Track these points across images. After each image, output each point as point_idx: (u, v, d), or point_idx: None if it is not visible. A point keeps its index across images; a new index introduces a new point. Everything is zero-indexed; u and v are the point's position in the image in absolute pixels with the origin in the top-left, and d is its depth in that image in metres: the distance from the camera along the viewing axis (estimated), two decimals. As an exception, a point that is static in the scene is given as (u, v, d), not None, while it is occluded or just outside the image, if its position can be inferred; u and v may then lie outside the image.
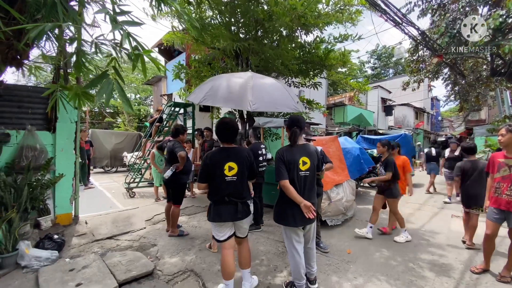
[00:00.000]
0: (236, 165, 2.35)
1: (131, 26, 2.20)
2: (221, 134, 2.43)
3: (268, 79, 3.08)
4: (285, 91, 2.98)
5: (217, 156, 2.38)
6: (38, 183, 3.52)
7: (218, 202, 2.36)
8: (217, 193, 2.35)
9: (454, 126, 28.96)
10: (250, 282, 2.57)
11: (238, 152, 2.42)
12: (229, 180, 2.33)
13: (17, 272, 2.83)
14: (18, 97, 3.66)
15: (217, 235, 2.43)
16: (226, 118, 2.57)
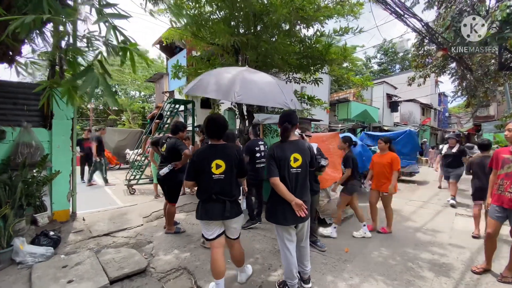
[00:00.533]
0: (223, 163, 2.28)
1: (117, 19, 2.15)
2: (209, 130, 2.37)
3: (261, 74, 3.00)
4: (277, 87, 2.88)
5: (204, 153, 2.32)
6: (33, 180, 3.52)
7: (205, 200, 2.30)
8: (205, 191, 2.30)
9: (462, 123, 28.38)
10: (245, 272, 2.68)
11: (226, 149, 2.35)
12: (216, 178, 2.27)
13: (11, 268, 2.84)
14: (13, 93, 3.66)
15: (205, 233, 2.39)
16: (214, 114, 2.52)
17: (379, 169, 4.06)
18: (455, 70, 9.39)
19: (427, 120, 22.55)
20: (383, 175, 3.99)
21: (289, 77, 6.53)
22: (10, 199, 3.07)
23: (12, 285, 2.52)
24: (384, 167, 3.98)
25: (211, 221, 2.32)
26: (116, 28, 2.01)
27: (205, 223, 2.35)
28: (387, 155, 4.04)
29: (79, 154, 8.14)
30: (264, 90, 2.74)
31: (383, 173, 4.00)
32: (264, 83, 2.79)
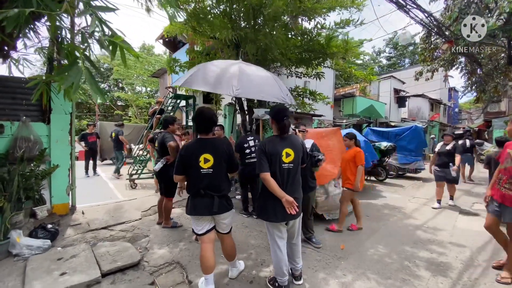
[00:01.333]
0: (212, 157, 2.25)
1: (104, 11, 2.12)
2: (197, 124, 2.34)
3: (256, 67, 2.94)
4: (273, 81, 2.84)
5: (192, 148, 2.29)
6: (31, 174, 3.57)
7: (194, 195, 2.28)
8: (193, 185, 2.28)
9: (473, 118, 27.64)
10: (237, 267, 2.65)
11: (215, 144, 2.32)
12: (204, 173, 2.24)
13: (8, 260, 2.89)
14: (11, 88, 3.70)
15: (195, 228, 2.38)
16: (203, 108, 2.46)
17: (344, 165, 4.00)
18: (464, 65, 9.09)
19: (436, 116, 22.01)
20: (349, 171, 3.91)
21: (290, 72, 6.42)
22: (7, 192, 3.12)
23: (6, 277, 2.57)
24: (349, 163, 3.91)
25: (199, 216, 2.30)
26: (102, 21, 1.98)
27: (195, 218, 2.33)
28: (351, 151, 3.96)
29: (84, 148, 8.28)
30: (262, 84, 2.71)
31: (348, 169, 3.92)
32: (261, 77, 2.76)
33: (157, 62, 21.04)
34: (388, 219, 4.60)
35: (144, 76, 20.60)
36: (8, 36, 2.76)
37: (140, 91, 24.93)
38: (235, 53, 5.64)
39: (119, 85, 25.46)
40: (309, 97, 6.86)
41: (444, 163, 5.31)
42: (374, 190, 7.12)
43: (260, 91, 2.67)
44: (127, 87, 24.12)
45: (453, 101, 27.23)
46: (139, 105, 21.77)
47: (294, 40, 5.41)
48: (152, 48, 25.76)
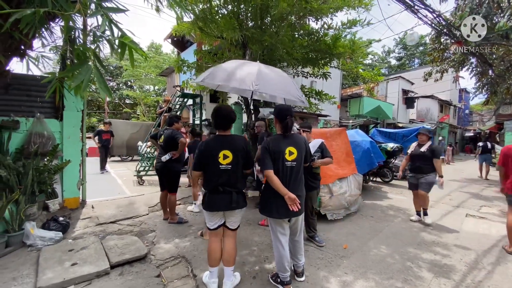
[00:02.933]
0: (231, 154, 2.30)
1: (115, 12, 2.20)
2: (216, 121, 2.38)
3: (276, 69, 3.07)
4: (291, 82, 2.99)
5: (212, 144, 2.33)
6: (45, 168, 3.72)
7: (213, 191, 2.32)
8: (212, 181, 2.31)
9: (484, 121, 27.03)
10: (231, 281, 2.44)
11: (233, 140, 2.36)
12: (223, 169, 2.29)
13: (22, 251, 3.03)
14: (27, 86, 3.85)
15: (208, 223, 2.43)
16: (222, 105, 2.52)
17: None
18: (474, 65, 8.93)
19: (446, 117, 21.63)
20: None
21: (297, 71, 6.45)
22: (22, 186, 3.26)
23: (20, 266, 2.69)
24: None
25: (219, 211, 2.36)
26: (112, 21, 2.06)
27: (210, 213, 2.38)
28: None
29: (97, 145, 8.48)
30: (280, 83, 2.81)
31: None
32: (280, 76, 2.87)
33: (165, 61, 21.30)
34: (393, 220, 4.59)
35: (152, 74, 20.88)
36: (25, 35, 2.89)
37: (148, 89, 25.28)
38: (241, 53, 5.70)
39: (128, 84, 25.87)
40: (315, 97, 6.88)
41: (416, 168, 4.44)
42: (380, 191, 7.08)
43: (277, 89, 2.76)
44: (135, 85, 24.50)
45: (463, 103, 26.70)
46: (147, 103, 22.09)
47: (301, 40, 5.44)
48: (160, 47, 26.09)
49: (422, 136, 4.48)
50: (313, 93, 6.76)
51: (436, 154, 4.27)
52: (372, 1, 5.45)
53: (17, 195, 3.05)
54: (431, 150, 4.31)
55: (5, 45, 2.84)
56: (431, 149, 4.33)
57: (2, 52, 2.86)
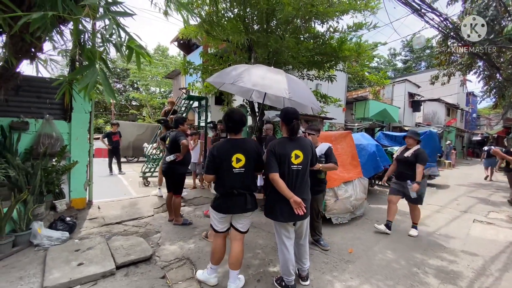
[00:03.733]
0: (243, 157, 2.31)
1: (122, 16, 2.23)
2: (228, 124, 2.39)
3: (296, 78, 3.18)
4: (309, 90, 3.10)
5: (225, 147, 2.34)
6: (53, 169, 3.77)
7: (227, 195, 2.31)
8: (225, 185, 2.32)
9: (492, 125, 26.62)
10: (235, 284, 2.42)
11: (246, 144, 2.38)
12: (236, 172, 2.30)
13: (29, 250, 3.07)
14: (36, 88, 3.93)
15: (216, 226, 2.43)
16: (234, 108, 2.54)
17: None
18: (482, 69, 8.82)
19: (453, 121, 21.36)
20: None
21: (302, 74, 6.46)
22: (31, 186, 3.31)
23: (28, 265, 2.73)
24: None
25: (229, 214, 2.37)
26: (119, 25, 2.09)
27: (222, 216, 2.38)
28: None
29: (107, 147, 8.53)
30: (306, 92, 2.97)
31: None
32: (304, 86, 3.03)
33: (171, 64, 21.50)
34: (399, 225, 4.54)
35: (158, 77, 21.10)
36: (36, 39, 2.95)
37: (154, 91, 25.52)
38: (247, 56, 5.74)
39: (134, 86, 26.18)
40: (321, 100, 6.87)
41: (401, 174, 4.03)
42: (385, 196, 7.00)
43: (305, 98, 2.92)
44: (142, 87, 24.77)
45: (471, 106, 26.36)
46: (153, 105, 22.30)
47: (306, 43, 5.45)
48: (166, 49, 26.37)
49: (409, 139, 4.05)
50: (318, 96, 6.75)
51: (420, 159, 3.82)
52: (379, 5, 5.44)
53: (25, 195, 3.10)
54: (415, 155, 3.86)
55: (16, 48, 2.91)
56: (415, 153, 3.88)
57: (14, 54, 2.93)
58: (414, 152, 3.89)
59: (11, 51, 2.89)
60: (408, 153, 3.95)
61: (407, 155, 3.94)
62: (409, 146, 4.06)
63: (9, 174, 3.21)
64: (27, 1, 2.69)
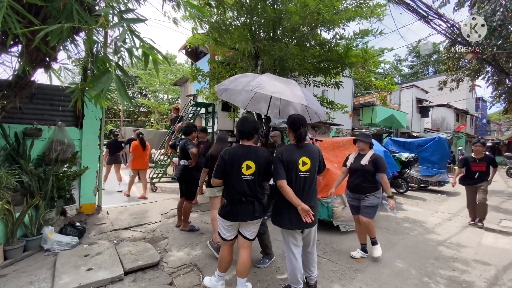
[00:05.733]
0: (254, 164, 2.32)
1: (135, 23, 2.30)
2: (240, 131, 2.41)
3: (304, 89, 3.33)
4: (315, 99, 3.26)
5: (236, 153, 2.34)
6: (64, 174, 3.85)
7: (235, 202, 2.32)
8: (233, 191, 2.32)
9: (503, 130, 26.05)
10: None
11: (257, 151, 2.39)
12: (245, 179, 2.30)
13: (39, 255, 3.12)
14: (49, 96, 4.05)
15: (224, 234, 2.43)
16: (246, 116, 2.59)
17: None
18: (490, 74, 8.71)
19: (462, 127, 21.01)
20: None
21: (308, 80, 6.49)
22: (42, 191, 3.38)
23: (38, 270, 2.78)
24: None
25: (237, 222, 2.37)
26: (132, 31, 2.15)
27: (229, 224, 2.38)
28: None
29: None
30: (314, 100, 3.23)
31: None
32: (310, 94, 3.30)
33: (179, 71, 21.85)
34: (408, 233, 4.45)
35: (166, 84, 21.45)
36: (51, 49, 3.07)
37: (162, 98, 25.91)
38: (254, 63, 5.80)
39: (143, 93, 26.64)
40: (327, 106, 6.86)
41: (358, 187, 3.34)
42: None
43: (317, 107, 3.19)
44: (150, 94, 25.18)
45: (480, 112, 25.89)
46: (160, 112, 22.60)
47: (312, 50, 5.49)
48: (174, 57, 26.83)
49: (360, 144, 3.40)
50: (324, 102, 6.75)
51: (381, 167, 3.23)
52: (385, 11, 5.46)
53: (37, 200, 3.17)
54: (373, 162, 3.24)
55: (32, 57, 3.02)
56: (372, 160, 3.26)
57: (29, 64, 3.04)
58: (371, 159, 3.27)
59: (27, 61, 3.00)
60: (364, 160, 3.29)
61: (363, 163, 3.28)
62: (362, 152, 3.41)
63: (22, 179, 3.30)
64: (42, 13, 2.81)
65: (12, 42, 3.05)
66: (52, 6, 2.44)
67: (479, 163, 4.90)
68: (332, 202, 4.24)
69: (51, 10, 2.51)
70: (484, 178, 4.89)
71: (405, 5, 4.56)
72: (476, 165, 4.94)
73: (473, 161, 4.98)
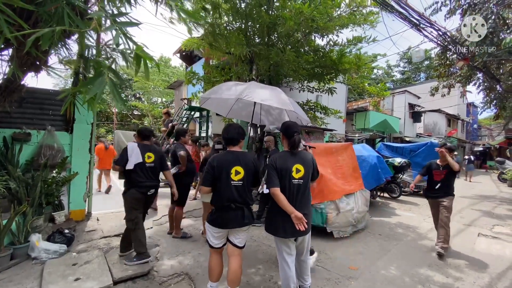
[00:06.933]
0: (242, 170, 2.30)
1: (128, 26, 2.27)
2: (225, 137, 2.41)
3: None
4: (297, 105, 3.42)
5: (224, 159, 2.33)
6: (53, 180, 3.76)
7: (224, 208, 2.29)
8: (222, 197, 2.29)
9: (494, 135, 26.58)
10: None
11: (244, 157, 2.38)
12: (234, 185, 2.28)
13: (26, 263, 3.02)
14: (39, 99, 3.97)
15: (212, 242, 2.38)
16: (231, 123, 2.60)
17: None
18: (481, 81, 8.89)
19: (454, 132, 21.37)
20: None
21: (302, 86, 6.52)
22: (30, 198, 3.29)
23: (25, 279, 2.68)
24: None
25: (225, 229, 2.33)
26: (125, 34, 2.12)
27: (217, 231, 2.34)
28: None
29: None
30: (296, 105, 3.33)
31: None
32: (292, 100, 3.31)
33: (173, 74, 21.79)
34: (401, 239, 4.46)
35: (160, 87, 21.34)
36: (42, 52, 3.01)
37: (156, 101, 25.75)
38: (248, 68, 5.81)
39: (136, 95, 26.45)
40: (321, 111, 6.90)
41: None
42: (387, 208, 6.93)
43: (301, 113, 3.27)
44: (143, 97, 25.01)
45: (471, 117, 26.41)
46: (154, 115, 22.45)
47: (306, 56, 5.53)
48: (169, 60, 26.76)
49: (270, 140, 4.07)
50: (318, 108, 6.78)
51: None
52: (378, 19, 5.55)
53: (25, 207, 3.07)
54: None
55: (22, 61, 2.96)
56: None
57: (19, 67, 2.97)
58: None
59: (17, 65, 2.94)
60: None
61: None
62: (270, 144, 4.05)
63: (10, 186, 3.20)
64: (33, 17, 2.75)
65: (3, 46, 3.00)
66: (43, 10, 2.40)
67: (443, 171, 3.92)
68: (326, 208, 4.23)
69: (42, 14, 2.46)
70: (447, 192, 3.90)
71: (398, 13, 4.63)
72: (439, 173, 3.94)
73: (436, 169, 3.99)
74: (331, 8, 4.47)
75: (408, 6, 4.66)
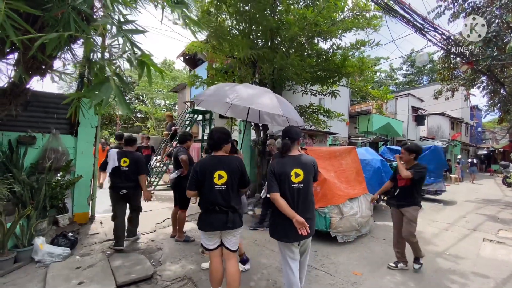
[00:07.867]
0: (225, 174, 2.33)
1: (135, 34, 2.30)
2: (208, 142, 2.47)
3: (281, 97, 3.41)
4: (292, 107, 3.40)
5: (206, 164, 2.38)
6: (57, 183, 3.78)
7: (208, 211, 2.34)
8: (207, 201, 2.34)
9: (498, 138, 26.37)
10: None
11: (228, 161, 2.40)
12: (218, 189, 2.31)
13: (30, 266, 3.03)
14: (44, 103, 4.00)
15: (206, 244, 2.41)
16: (216, 127, 2.64)
17: None
18: (485, 84, 8.84)
19: (457, 135, 21.22)
20: None
21: (305, 89, 6.52)
22: (35, 201, 3.31)
23: (28, 283, 2.69)
24: None
25: (214, 232, 2.34)
26: (132, 41, 2.15)
27: (207, 234, 2.37)
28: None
29: None
30: (290, 107, 3.29)
31: None
32: (287, 103, 3.31)
33: (177, 78, 21.91)
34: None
35: (164, 90, 21.46)
36: (48, 56, 3.04)
37: (159, 104, 25.88)
38: (251, 71, 5.83)
39: (140, 98, 26.61)
40: (324, 114, 6.89)
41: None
42: (391, 212, 6.87)
43: (294, 115, 3.24)
44: (147, 100, 25.16)
45: (475, 120, 26.24)
46: (157, 118, 22.56)
47: (310, 60, 5.54)
48: (172, 64, 26.95)
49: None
50: (321, 111, 6.78)
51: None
52: (381, 22, 5.54)
53: (29, 210, 3.09)
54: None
55: (28, 65, 2.99)
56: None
57: (25, 71, 3.01)
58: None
59: (23, 69, 2.97)
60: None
61: None
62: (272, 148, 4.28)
63: (14, 189, 3.22)
64: (39, 21, 2.79)
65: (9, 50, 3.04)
66: (49, 15, 2.43)
67: None
68: (329, 213, 4.21)
69: (48, 19, 2.49)
70: (409, 200, 3.33)
71: (401, 17, 4.63)
72: (401, 178, 3.39)
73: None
74: (335, 13, 4.49)
75: (412, 10, 4.66)
